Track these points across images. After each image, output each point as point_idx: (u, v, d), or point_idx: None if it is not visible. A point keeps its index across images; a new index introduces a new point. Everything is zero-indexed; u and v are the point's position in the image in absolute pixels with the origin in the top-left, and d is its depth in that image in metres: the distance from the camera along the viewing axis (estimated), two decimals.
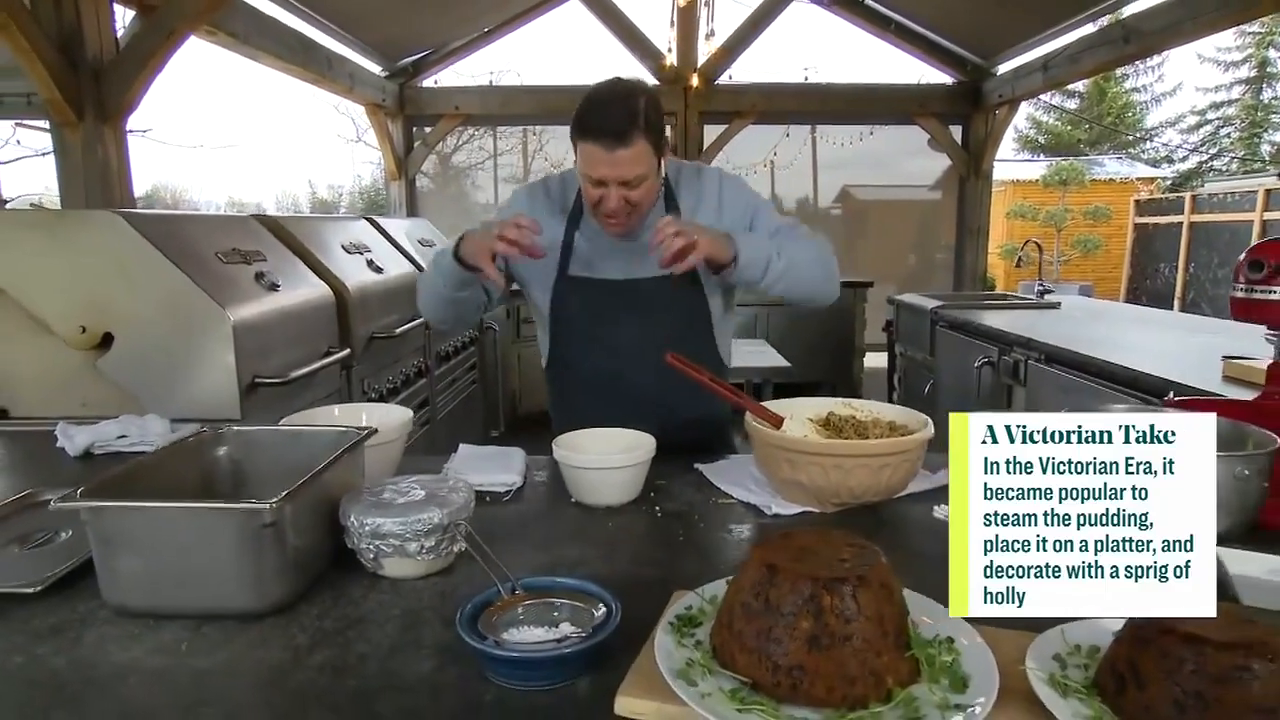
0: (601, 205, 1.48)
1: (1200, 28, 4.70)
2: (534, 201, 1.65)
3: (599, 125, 1.40)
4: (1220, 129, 21.25)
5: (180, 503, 0.93)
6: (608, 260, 1.61)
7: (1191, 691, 0.66)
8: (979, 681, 0.74)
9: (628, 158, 1.41)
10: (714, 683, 0.75)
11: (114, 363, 1.86)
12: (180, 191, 28.56)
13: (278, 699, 0.79)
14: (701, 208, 1.64)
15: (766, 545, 0.80)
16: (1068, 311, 4.10)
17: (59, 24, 3.46)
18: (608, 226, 1.54)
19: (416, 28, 6.58)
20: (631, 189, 1.46)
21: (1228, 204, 10.29)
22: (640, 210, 1.52)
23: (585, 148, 1.43)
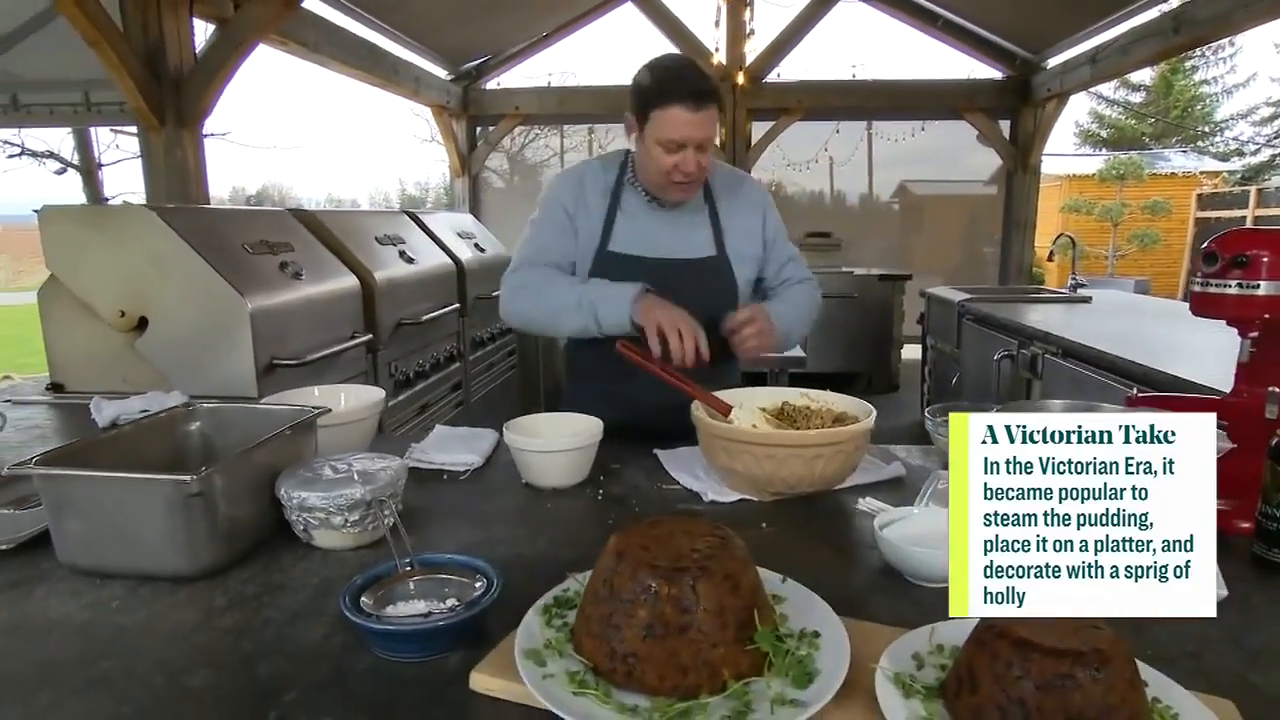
0: (679, 169, 1.48)
1: (1253, 16, 4.33)
2: (584, 181, 1.64)
3: (684, 88, 1.42)
4: None
5: (114, 473, 0.95)
6: (647, 238, 1.62)
7: (1015, 698, 0.60)
8: (825, 678, 0.70)
9: (708, 119, 1.44)
10: (562, 665, 0.73)
11: (149, 344, 1.94)
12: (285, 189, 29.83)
13: (174, 656, 0.81)
14: (737, 199, 1.68)
15: (626, 532, 0.77)
16: (1098, 306, 3.86)
17: (145, 39, 3.63)
18: (676, 192, 1.55)
19: (480, 34, 6.66)
20: (703, 151, 1.48)
21: None
22: (704, 176, 1.55)
23: (668, 112, 1.43)
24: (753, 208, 1.69)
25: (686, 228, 1.64)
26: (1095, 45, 5.73)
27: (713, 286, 1.64)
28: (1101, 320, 3.39)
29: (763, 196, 1.73)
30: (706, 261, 1.63)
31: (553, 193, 1.66)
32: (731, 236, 1.66)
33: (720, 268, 1.64)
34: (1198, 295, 1.16)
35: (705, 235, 1.65)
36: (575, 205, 1.63)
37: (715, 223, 1.65)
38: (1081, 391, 2.65)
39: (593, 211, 1.62)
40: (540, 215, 1.65)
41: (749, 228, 1.68)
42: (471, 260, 3.57)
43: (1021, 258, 7.04)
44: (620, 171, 1.64)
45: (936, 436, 1.43)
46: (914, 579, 0.96)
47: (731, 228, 1.66)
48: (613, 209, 1.63)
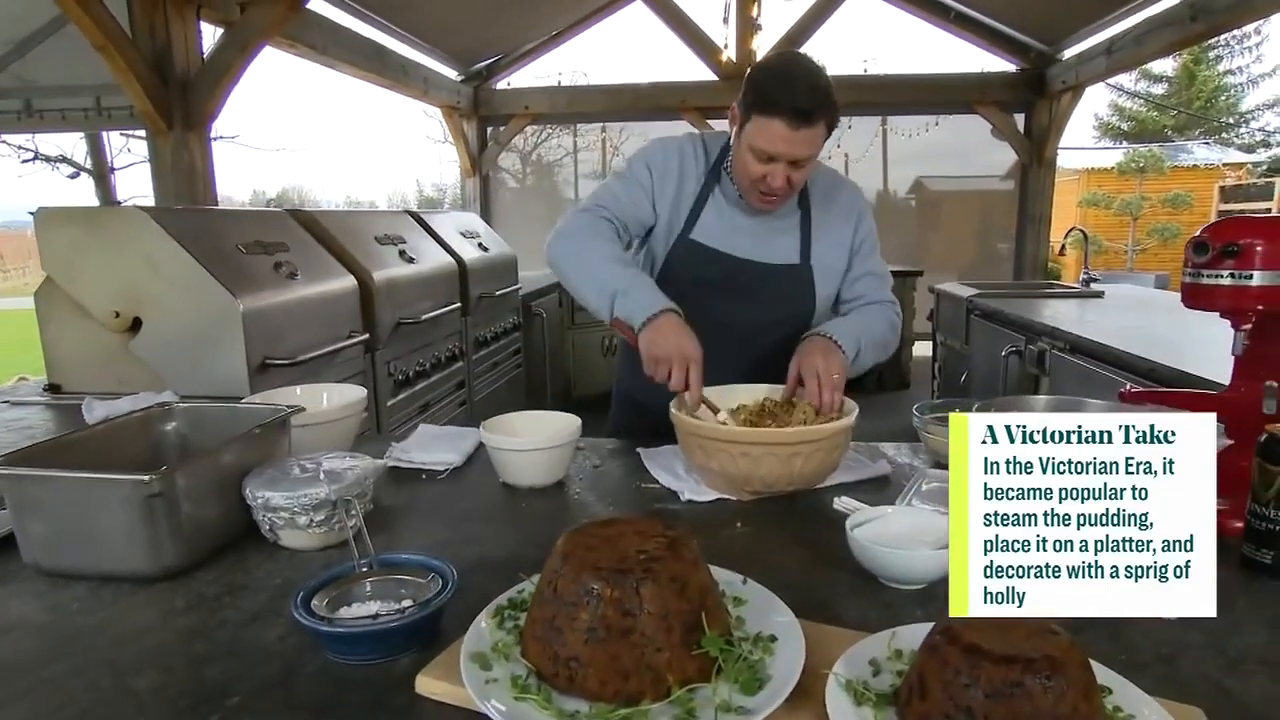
0: (766, 182, 1.38)
1: (1272, 3, 4.22)
2: (683, 157, 1.54)
3: (789, 102, 1.29)
4: None
5: (73, 472, 0.95)
6: (732, 235, 1.52)
7: (963, 706, 0.57)
8: (775, 684, 0.67)
9: (808, 138, 1.32)
10: (507, 669, 0.71)
11: (143, 344, 1.95)
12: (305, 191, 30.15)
13: (124, 658, 0.80)
14: (833, 209, 1.56)
15: (574, 532, 0.75)
16: (1110, 301, 3.78)
17: (152, 43, 3.67)
18: (759, 202, 1.44)
19: (489, 34, 6.66)
20: (798, 169, 1.37)
21: None
22: (794, 191, 1.44)
23: (766, 122, 1.32)
24: (846, 217, 1.57)
25: (774, 230, 1.53)
26: (1111, 35, 5.63)
27: (790, 296, 1.54)
28: (1113, 315, 3.32)
29: (858, 204, 1.61)
30: (789, 270, 1.53)
31: (645, 155, 1.56)
32: (819, 246, 1.55)
33: (802, 277, 1.54)
34: (1189, 287, 1.11)
35: (792, 241, 1.54)
36: (666, 175, 1.53)
37: (806, 230, 1.55)
38: (1089, 386, 2.59)
39: (684, 191, 1.53)
40: (625, 171, 1.56)
41: (839, 238, 1.57)
42: (475, 260, 3.56)
43: (1037, 253, 6.93)
44: (721, 157, 1.54)
45: (924, 434, 1.40)
46: (886, 580, 0.93)
47: (821, 237, 1.55)
48: (704, 195, 1.53)
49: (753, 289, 1.53)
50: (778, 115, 1.30)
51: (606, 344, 5.80)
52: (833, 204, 1.57)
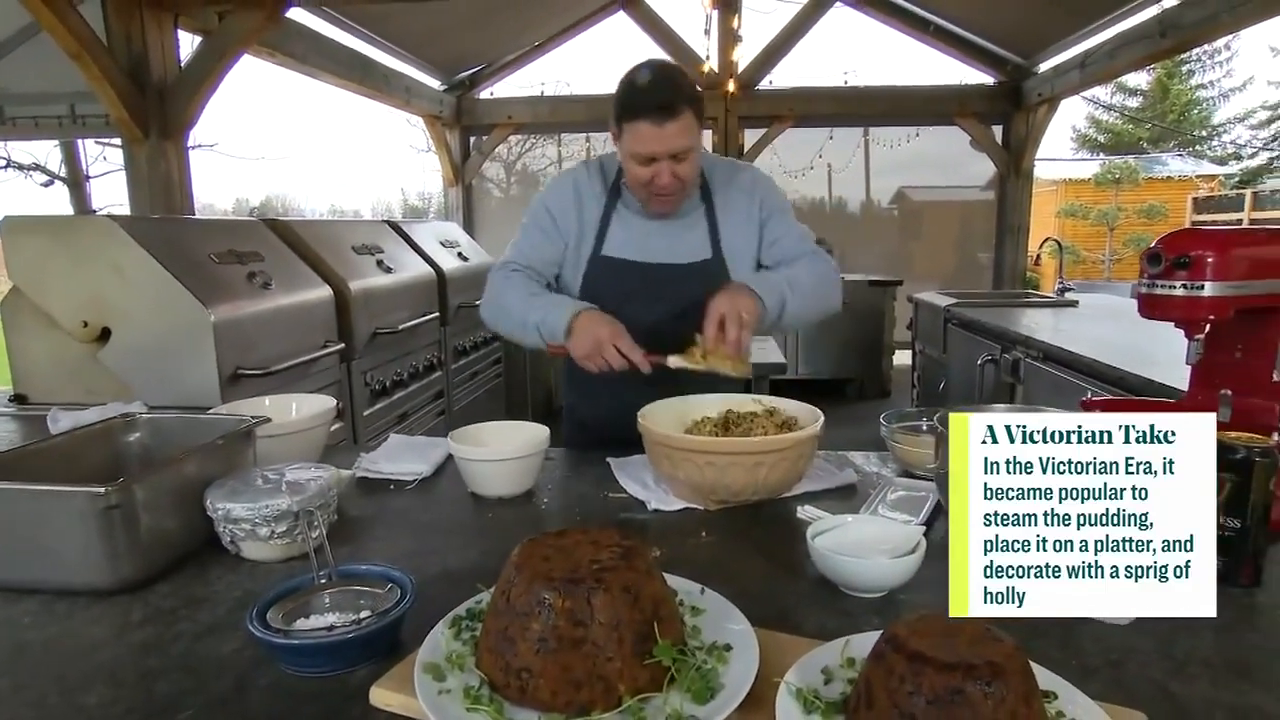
0: (654, 183, 1.44)
1: (1239, 20, 4.31)
2: (579, 183, 1.60)
3: (648, 102, 1.37)
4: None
5: (25, 484, 0.94)
6: (643, 243, 1.57)
7: (907, 713, 0.58)
8: (727, 694, 0.67)
9: (677, 130, 1.38)
10: (461, 680, 0.70)
11: (112, 354, 1.93)
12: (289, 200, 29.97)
13: (73, 673, 0.79)
14: (732, 193, 1.60)
15: (529, 542, 0.75)
16: (1084, 310, 3.83)
17: (128, 51, 3.64)
18: (657, 205, 1.51)
19: (472, 44, 6.67)
20: (679, 163, 1.43)
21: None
22: (686, 186, 1.49)
23: (635, 127, 1.39)
24: (747, 197, 1.60)
25: (681, 230, 1.58)
26: (1085, 50, 5.73)
27: (706, 289, 1.53)
28: (1086, 324, 3.37)
29: (756, 180, 1.63)
30: (701, 265, 1.57)
31: (541, 197, 1.63)
32: (728, 235, 1.59)
33: (715, 270, 1.57)
34: (1145, 297, 1.14)
35: (700, 236, 1.59)
36: (564, 210, 1.59)
37: (712, 222, 1.59)
38: (1061, 394, 2.63)
39: (587, 215, 1.58)
40: (527, 220, 1.63)
41: (745, 221, 1.60)
42: (454, 269, 3.56)
43: (1015, 263, 7.01)
44: (618, 174, 1.59)
45: (892, 444, 1.41)
46: (846, 589, 0.93)
47: (728, 225, 1.59)
48: (608, 212, 1.59)
49: (670, 290, 1.56)
50: (641, 118, 1.38)
51: None
52: (732, 189, 1.61)
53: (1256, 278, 1.09)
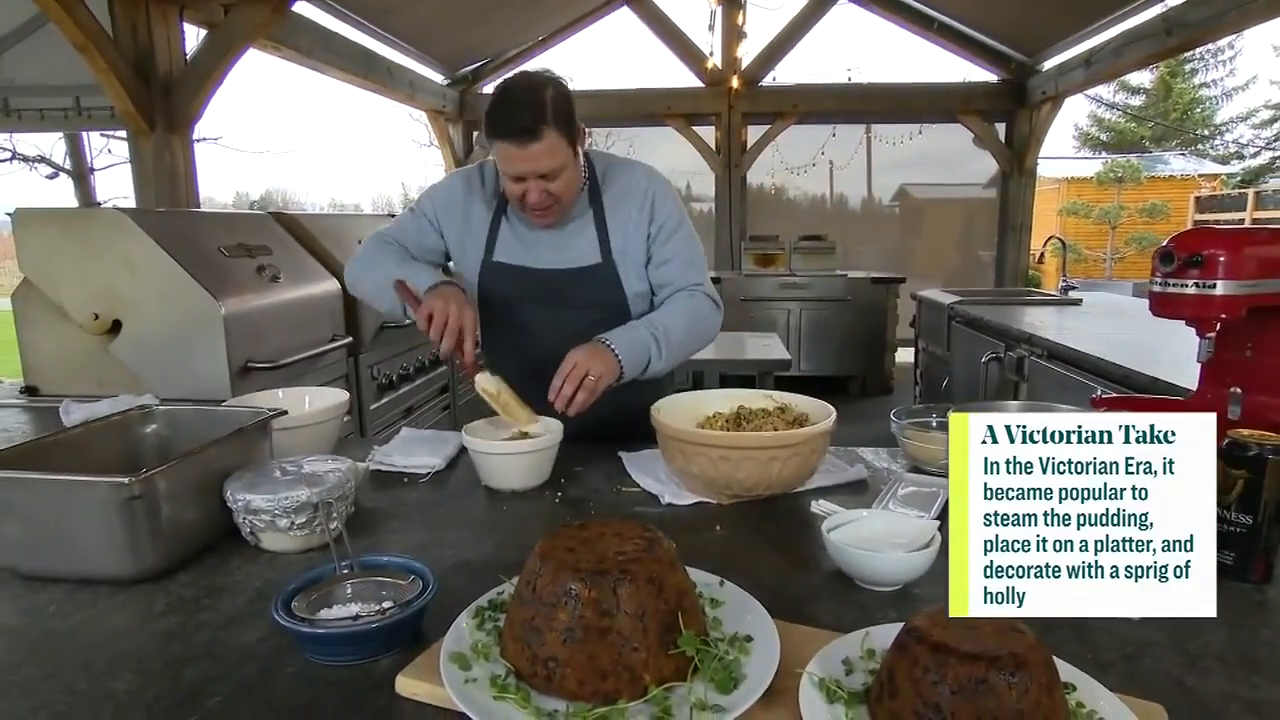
0: (525, 199, 1.43)
1: (1245, 18, 4.31)
2: (466, 190, 1.59)
3: (508, 124, 1.34)
4: None
5: (51, 475, 0.95)
6: (532, 249, 1.55)
7: (931, 703, 0.59)
8: (750, 683, 0.68)
9: (541, 151, 1.36)
10: (487, 669, 0.71)
11: (122, 346, 1.94)
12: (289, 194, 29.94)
13: (101, 660, 0.80)
14: (625, 202, 1.56)
15: (553, 534, 0.76)
16: (1088, 309, 3.84)
17: (134, 44, 3.64)
18: (535, 218, 1.50)
19: (476, 38, 6.66)
20: (550, 180, 1.41)
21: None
22: (563, 201, 1.46)
23: (499, 147, 1.38)
24: (640, 205, 1.55)
25: (570, 234, 1.55)
26: (1089, 48, 5.72)
27: (597, 295, 1.55)
28: (1090, 322, 3.37)
29: (649, 185, 1.57)
30: (591, 270, 1.54)
31: (430, 192, 1.64)
32: (617, 239, 1.55)
33: (606, 275, 1.55)
34: (1157, 295, 1.14)
35: (589, 241, 1.55)
36: (446, 210, 1.59)
37: (601, 227, 1.56)
38: (1065, 392, 2.63)
39: (472, 219, 1.57)
40: (413, 209, 1.63)
41: (634, 229, 1.55)
42: None
43: (1017, 261, 7.02)
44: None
45: (902, 439, 1.42)
46: (862, 582, 0.94)
47: (616, 230, 1.55)
48: (496, 218, 1.57)
49: (561, 295, 1.56)
50: (503, 138, 1.36)
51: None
52: (624, 195, 1.57)
53: (1268, 277, 1.09)
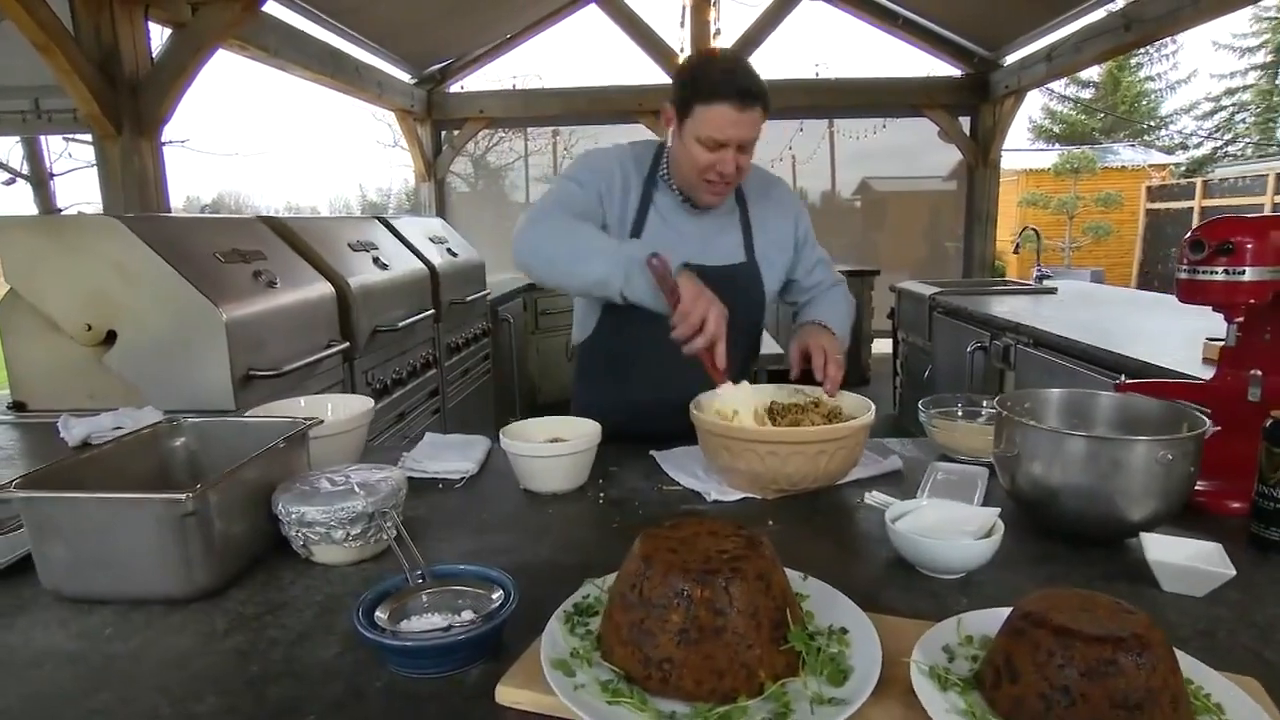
0: (714, 169, 1.41)
1: (1200, 14, 4.46)
2: (624, 164, 1.54)
3: (734, 84, 1.34)
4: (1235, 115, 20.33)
5: (101, 493, 0.91)
6: (679, 241, 1.52)
7: (1059, 685, 0.60)
8: (859, 675, 0.69)
9: (754, 119, 1.37)
10: (592, 674, 0.71)
11: (118, 358, 1.87)
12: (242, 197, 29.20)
13: (174, 684, 0.77)
14: (767, 204, 1.63)
15: (650, 535, 0.76)
16: (1063, 297, 3.95)
17: (98, 44, 3.51)
18: (708, 193, 1.47)
19: (443, 37, 6.57)
20: (744, 153, 1.41)
21: (1239, 188, 9.86)
22: (742, 177, 1.47)
23: (714, 109, 1.35)
24: (784, 213, 1.64)
25: (717, 231, 1.57)
26: (1051, 43, 5.87)
27: (741, 294, 1.55)
28: (1068, 310, 3.47)
29: (795, 200, 1.68)
30: (737, 268, 1.57)
31: (587, 162, 1.55)
32: (761, 243, 1.60)
33: (750, 274, 1.59)
34: (1185, 282, 1.18)
35: (735, 240, 1.59)
36: (609, 183, 1.52)
37: (746, 228, 1.60)
38: (1053, 379, 2.70)
39: (628, 200, 1.53)
40: (570, 173, 1.54)
41: (780, 234, 1.62)
42: (445, 265, 3.52)
43: (984, 251, 7.18)
44: (654, 165, 1.56)
45: (930, 429, 1.44)
46: (927, 570, 0.96)
47: (762, 233, 1.60)
48: (645, 204, 1.54)
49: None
50: (724, 100, 1.34)
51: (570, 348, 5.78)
52: (768, 201, 1.62)
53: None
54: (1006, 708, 0.63)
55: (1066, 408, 1.18)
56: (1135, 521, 0.97)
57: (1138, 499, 0.96)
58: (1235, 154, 19.21)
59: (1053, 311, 3.42)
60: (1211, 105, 20.58)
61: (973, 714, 0.63)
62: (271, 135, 42.51)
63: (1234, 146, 19.83)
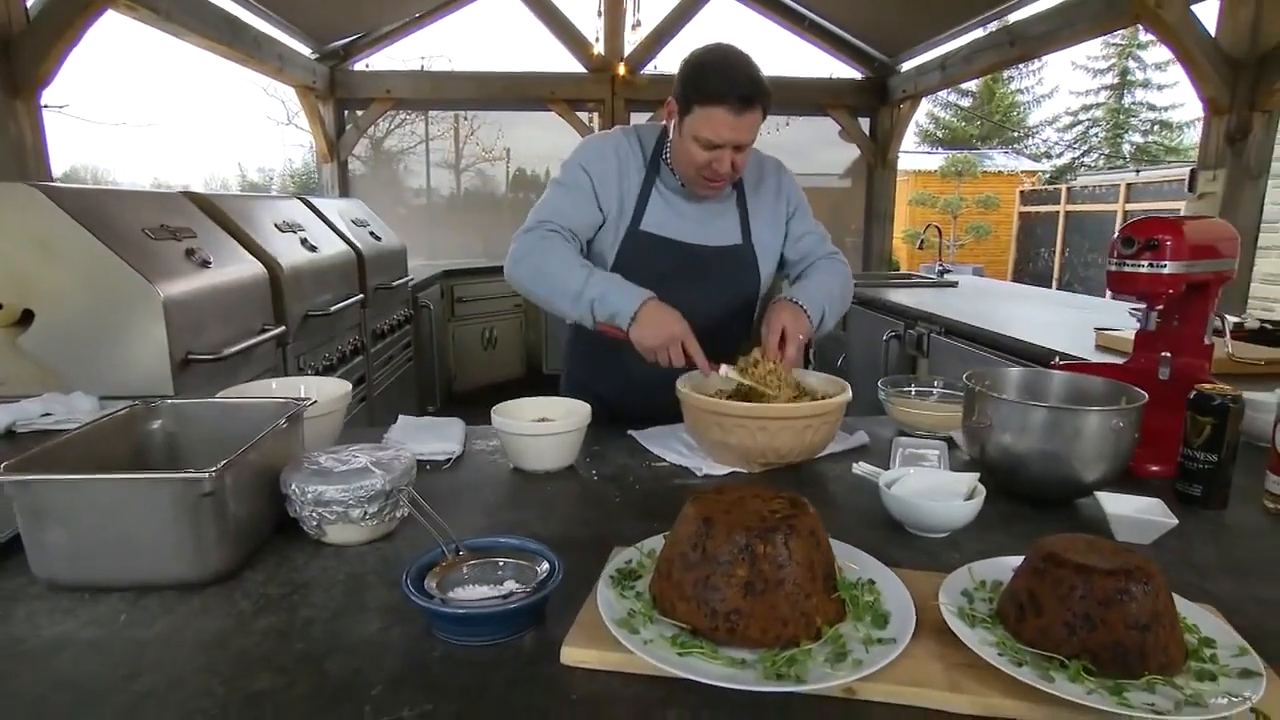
0: (710, 168, 1.44)
1: (1075, 35, 4.91)
2: (620, 152, 1.57)
3: (730, 90, 1.36)
4: (1089, 129, 22.42)
5: (116, 474, 0.86)
6: (679, 222, 1.57)
7: (1081, 614, 0.69)
8: (898, 618, 0.77)
9: (751, 122, 1.39)
10: (655, 630, 0.75)
11: (35, 340, 1.72)
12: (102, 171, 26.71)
13: (222, 663, 0.75)
14: (763, 189, 1.66)
15: (702, 499, 0.80)
16: (964, 290, 4.27)
17: None
18: (704, 188, 1.51)
19: (348, 11, 6.28)
20: (740, 153, 1.44)
21: (1096, 196, 10.90)
22: (737, 175, 1.50)
23: (710, 111, 1.38)
24: (776, 193, 1.67)
25: (716, 214, 1.61)
26: (944, 53, 6.29)
27: (736, 275, 1.63)
28: (969, 301, 3.75)
29: (785, 180, 1.71)
30: (732, 250, 1.62)
31: (579, 158, 1.58)
32: (757, 225, 1.65)
33: (745, 256, 1.63)
34: (1115, 275, 1.33)
35: (733, 223, 1.63)
36: (605, 177, 1.56)
37: (743, 211, 1.64)
38: (965, 365, 2.93)
39: (626, 185, 1.57)
40: (562, 177, 1.57)
41: (774, 215, 1.67)
42: (369, 249, 3.41)
43: (883, 247, 7.60)
44: (658, 148, 1.59)
45: (889, 406, 1.56)
46: (918, 530, 1.05)
47: (758, 215, 1.65)
48: (647, 186, 1.58)
49: (701, 272, 1.61)
50: (721, 104, 1.38)
51: (487, 336, 5.71)
52: (761, 183, 1.67)
53: (1199, 259, 1.31)
54: (1031, 637, 0.72)
55: (1022, 384, 1.31)
56: (1089, 482, 1.11)
57: (1091, 462, 1.10)
58: (1090, 164, 21.19)
59: (956, 303, 3.70)
60: (1070, 119, 22.60)
61: (1004, 644, 0.72)
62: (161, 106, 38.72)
63: (1089, 157, 21.87)
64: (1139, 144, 21.68)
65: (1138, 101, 21.92)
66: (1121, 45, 20.93)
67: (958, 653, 0.73)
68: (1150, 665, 0.67)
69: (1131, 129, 21.98)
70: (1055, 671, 0.68)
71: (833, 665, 0.70)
